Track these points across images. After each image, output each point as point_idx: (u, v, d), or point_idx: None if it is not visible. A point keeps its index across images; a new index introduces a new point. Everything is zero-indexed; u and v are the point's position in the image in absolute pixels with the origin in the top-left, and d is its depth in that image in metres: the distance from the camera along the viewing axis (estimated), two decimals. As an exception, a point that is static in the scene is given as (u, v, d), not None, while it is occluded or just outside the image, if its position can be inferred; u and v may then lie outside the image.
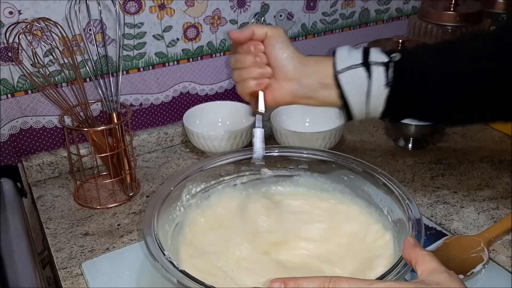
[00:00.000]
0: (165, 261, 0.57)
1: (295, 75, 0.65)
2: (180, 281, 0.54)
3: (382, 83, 0.61)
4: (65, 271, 0.71)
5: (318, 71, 0.64)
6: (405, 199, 0.66)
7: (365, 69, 0.61)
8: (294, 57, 0.65)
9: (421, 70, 0.61)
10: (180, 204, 0.72)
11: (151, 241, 0.60)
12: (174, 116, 1.04)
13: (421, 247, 0.50)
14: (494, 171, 0.92)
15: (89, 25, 0.88)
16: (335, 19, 1.13)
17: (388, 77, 0.60)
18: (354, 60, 0.62)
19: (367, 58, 0.62)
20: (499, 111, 0.62)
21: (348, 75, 0.62)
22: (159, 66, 0.98)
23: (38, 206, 0.86)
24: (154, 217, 0.64)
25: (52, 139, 0.94)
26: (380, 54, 0.62)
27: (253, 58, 0.65)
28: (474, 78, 0.59)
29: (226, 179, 0.78)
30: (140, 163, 0.98)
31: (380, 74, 0.61)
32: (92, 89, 0.91)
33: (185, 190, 0.73)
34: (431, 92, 0.61)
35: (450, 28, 1.09)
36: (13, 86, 0.87)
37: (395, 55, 0.61)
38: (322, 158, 0.77)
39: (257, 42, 0.66)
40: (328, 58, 0.64)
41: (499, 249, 0.73)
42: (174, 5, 0.94)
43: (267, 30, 0.65)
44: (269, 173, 0.78)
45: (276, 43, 0.65)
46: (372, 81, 0.61)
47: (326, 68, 0.63)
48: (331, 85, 0.63)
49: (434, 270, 0.46)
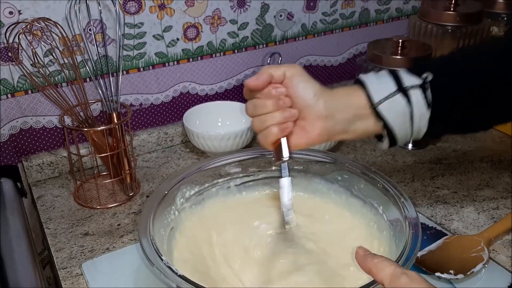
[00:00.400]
0: (163, 266, 0.56)
1: (328, 112, 0.60)
2: (179, 286, 0.54)
3: (423, 105, 0.59)
4: (65, 271, 0.71)
5: (350, 104, 0.61)
6: (401, 198, 0.66)
7: (402, 95, 0.59)
8: (323, 93, 0.61)
9: (456, 85, 0.60)
10: (174, 208, 0.71)
11: (148, 246, 0.59)
12: (174, 116, 1.05)
13: (372, 255, 0.49)
14: (494, 171, 0.92)
15: (89, 25, 0.88)
16: (335, 19, 1.13)
17: (427, 99, 0.59)
18: (389, 88, 0.60)
19: (401, 84, 0.60)
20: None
21: (388, 104, 0.60)
22: (159, 66, 0.98)
23: (38, 206, 0.86)
24: (150, 222, 0.63)
25: (52, 139, 0.94)
26: (411, 76, 0.60)
27: (276, 102, 0.60)
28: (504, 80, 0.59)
29: (220, 182, 0.77)
30: (140, 163, 0.98)
31: (418, 97, 0.59)
32: (92, 89, 0.91)
33: (179, 193, 0.73)
34: (470, 104, 0.60)
35: (450, 28, 1.09)
36: (13, 86, 0.87)
37: (426, 75, 0.60)
38: (317, 159, 0.77)
39: (277, 84, 0.61)
40: (356, 88, 0.61)
41: (499, 249, 0.73)
42: (174, 5, 0.94)
43: (284, 70, 0.61)
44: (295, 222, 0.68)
45: (300, 82, 0.61)
46: (412, 105, 0.59)
47: (359, 99, 0.61)
48: (368, 115, 0.61)
49: (392, 275, 0.46)
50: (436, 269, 0.67)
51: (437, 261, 0.69)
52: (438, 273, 0.66)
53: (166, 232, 0.68)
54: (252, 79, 0.60)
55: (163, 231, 0.67)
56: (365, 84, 0.61)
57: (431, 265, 0.68)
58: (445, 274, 0.66)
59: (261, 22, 1.04)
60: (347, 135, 0.63)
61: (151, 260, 0.57)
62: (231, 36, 1.02)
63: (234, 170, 0.78)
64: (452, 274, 0.66)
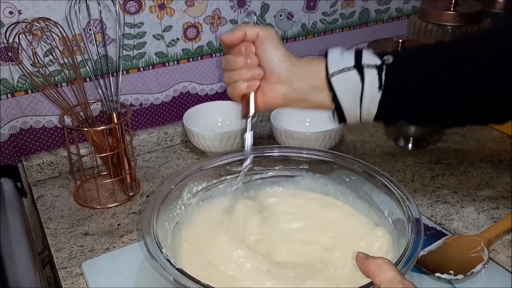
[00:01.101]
0: (163, 259, 0.57)
1: (286, 77, 0.63)
2: (177, 279, 0.54)
3: (375, 87, 0.60)
4: (65, 271, 0.71)
5: (310, 74, 0.63)
6: (406, 201, 0.65)
7: (357, 72, 0.60)
8: (286, 59, 0.63)
9: (414, 72, 0.60)
10: (181, 202, 0.72)
11: (150, 239, 0.60)
12: (174, 116, 1.04)
13: (373, 257, 0.50)
14: (494, 171, 0.92)
15: (89, 25, 0.88)
16: (335, 19, 1.13)
17: (381, 81, 0.59)
18: (347, 63, 0.61)
19: (360, 61, 0.60)
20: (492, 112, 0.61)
21: (340, 77, 0.60)
22: (159, 66, 0.98)
23: (38, 206, 0.86)
24: (154, 215, 0.64)
25: (52, 139, 0.94)
26: (372, 56, 0.61)
27: (244, 59, 0.64)
28: (467, 78, 0.58)
29: (228, 179, 0.78)
30: (140, 163, 0.98)
31: (373, 77, 0.59)
32: (92, 89, 0.91)
33: (186, 188, 0.73)
34: (423, 94, 0.60)
35: (450, 28, 1.09)
36: (13, 86, 0.87)
37: (387, 57, 0.60)
38: (322, 159, 0.77)
39: (249, 43, 0.64)
40: (320, 60, 0.63)
41: (499, 249, 0.73)
42: (174, 5, 0.94)
43: (258, 31, 0.63)
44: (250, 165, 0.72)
45: (267, 44, 0.63)
46: (365, 84, 0.60)
47: (318, 70, 0.62)
48: (324, 87, 0.62)
49: (391, 281, 0.46)
50: (436, 269, 0.67)
51: (437, 262, 0.69)
52: (438, 273, 0.66)
53: (171, 226, 0.68)
54: (227, 34, 0.64)
55: (168, 225, 0.68)
56: (328, 55, 0.62)
57: (431, 266, 0.68)
58: (445, 274, 0.66)
59: (261, 22, 1.04)
60: (302, 104, 0.65)
61: (151, 252, 0.58)
62: (231, 36, 1.02)
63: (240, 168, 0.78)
64: (452, 274, 0.66)
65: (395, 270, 0.47)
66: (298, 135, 0.92)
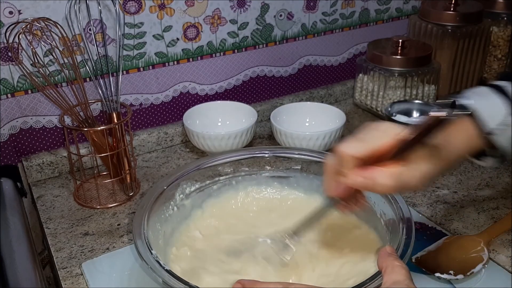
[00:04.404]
0: (152, 261, 0.57)
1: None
2: (165, 281, 0.54)
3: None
4: (65, 271, 0.71)
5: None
6: (397, 202, 0.65)
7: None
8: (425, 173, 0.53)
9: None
10: (173, 203, 0.72)
11: (140, 241, 0.60)
12: (174, 116, 1.05)
13: (395, 257, 0.49)
14: (494, 171, 0.92)
15: (89, 25, 0.88)
16: (335, 19, 1.13)
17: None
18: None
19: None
20: None
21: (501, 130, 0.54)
22: (159, 66, 0.98)
23: (38, 206, 0.86)
24: (145, 216, 0.64)
25: (52, 139, 0.94)
26: None
27: None
28: None
29: (222, 179, 0.78)
30: (140, 163, 0.98)
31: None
32: (92, 89, 0.91)
33: (179, 189, 0.73)
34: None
35: (450, 28, 1.09)
36: (13, 86, 0.87)
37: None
38: (317, 159, 0.77)
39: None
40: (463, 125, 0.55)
41: (499, 249, 0.73)
42: (174, 5, 0.94)
43: None
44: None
45: None
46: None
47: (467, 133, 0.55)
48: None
49: (396, 282, 0.46)
50: (435, 269, 0.67)
51: (436, 262, 0.69)
52: (438, 273, 0.66)
53: (162, 228, 0.68)
54: None
55: (159, 226, 0.67)
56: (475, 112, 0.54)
57: (431, 266, 0.68)
58: (445, 274, 0.66)
59: (261, 22, 1.04)
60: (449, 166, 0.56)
61: (142, 254, 0.58)
62: (231, 36, 1.02)
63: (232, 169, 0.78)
64: (452, 274, 0.66)
65: (406, 275, 0.47)
66: (298, 135, 0.92)
